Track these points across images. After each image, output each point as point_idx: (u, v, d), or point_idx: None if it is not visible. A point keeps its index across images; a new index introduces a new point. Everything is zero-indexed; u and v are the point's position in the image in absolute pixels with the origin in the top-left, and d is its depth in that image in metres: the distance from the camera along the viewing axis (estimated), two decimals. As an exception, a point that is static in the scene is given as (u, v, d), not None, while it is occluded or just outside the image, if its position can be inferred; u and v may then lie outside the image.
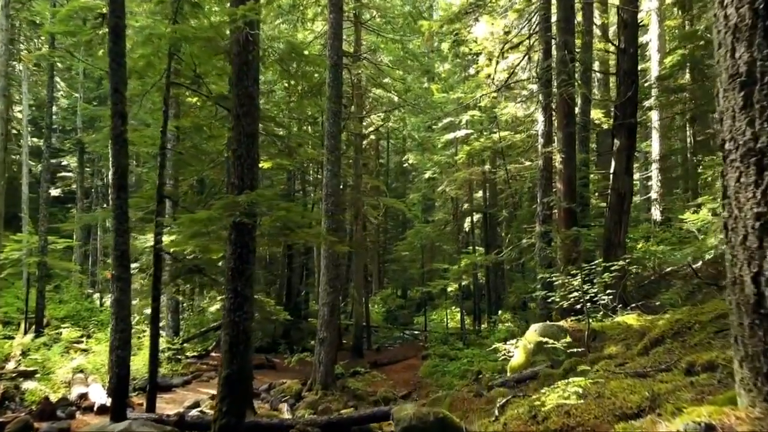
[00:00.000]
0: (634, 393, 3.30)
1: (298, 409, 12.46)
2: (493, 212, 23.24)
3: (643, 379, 3.78)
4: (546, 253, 12.39)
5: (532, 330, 8.56)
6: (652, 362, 4.50)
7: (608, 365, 5.01)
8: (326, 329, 13.78)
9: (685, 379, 3.38)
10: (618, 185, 11.88)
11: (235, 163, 6.79)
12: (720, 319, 4.96)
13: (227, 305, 6.69)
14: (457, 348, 19.39)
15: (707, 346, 4.56)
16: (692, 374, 3.47)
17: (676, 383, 3.33)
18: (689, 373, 3.48)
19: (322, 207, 14.16)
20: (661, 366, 4.20)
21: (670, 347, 5.02)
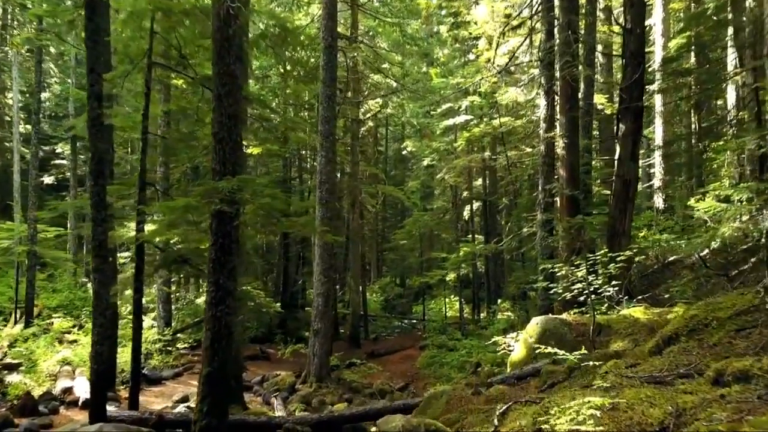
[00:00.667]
0: (654, 406, 2.89)
1: (291, 402, 12.10)
2: (493, 200, 22.78)
3: (661, 388, 3.36)
4: (547, 242, 11.96)
5: (533, 323, 8.15)
6: (668, 365, 4.07)
7: (618, 366, 4.58)
8: (321, 320, 13.40)
9: (714, 391, 2.96)
10: (623, 171, 11.40)
11: (216, 147, 6.32)
12: (741, 316, 4.54)
13: (208, 299, 6.26)
14: (455, 338, 19.02)
15: (729, 347, 4.13)
16: (721, 385, 3.05)
17: (702, 395, 2.91)
18: (717, 384, 3.06)
19: (316, 195, 13.71)
20: (680, 370, 3.78)
21: (685, 347, 4.59)
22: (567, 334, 7.64)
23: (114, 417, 7.57)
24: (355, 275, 20.73)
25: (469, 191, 25.86)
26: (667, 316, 7.22)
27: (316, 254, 13.57)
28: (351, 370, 14.98)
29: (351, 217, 20.76)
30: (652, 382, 3.49)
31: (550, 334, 7.75)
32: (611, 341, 7.10)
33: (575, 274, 8.01)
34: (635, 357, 5.56)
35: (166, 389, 12.53)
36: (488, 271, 24.60)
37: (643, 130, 15.14)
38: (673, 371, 3.84)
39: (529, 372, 7.15)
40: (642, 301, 8.66)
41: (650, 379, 3.71)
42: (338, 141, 21.92)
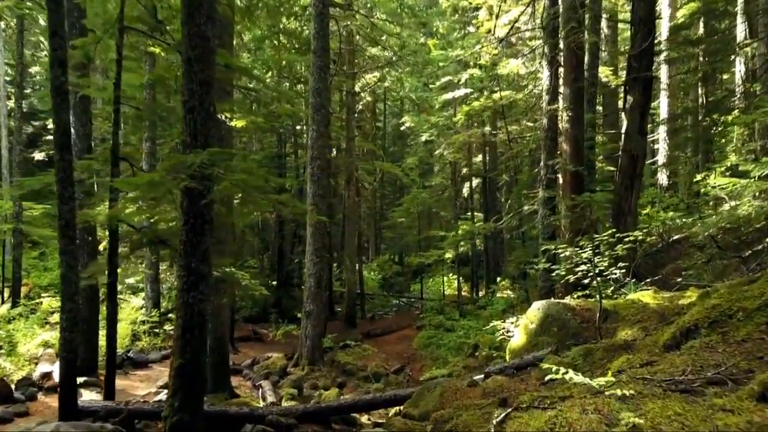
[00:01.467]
0: (685, 427, 2.36)
1: (282, 387, 11.67)
2: (493, 177, 22.15)
3: (690, 399, 2.82)
4: (549, 220, 11.39)
5: (534, 308, 7.63)
6: (691, 365, 3.53)
7: (631, 363, 4.05)
8: (313, 301, 12.91)
9: (762, 410, 2.43)
10: (630, 146, 10.79)
11: (186, 117, 5.71)
12: (772, 308, 3.98)
13: (180, 285, 5.72)
14: (453, 318, 18.59)
15: (761, 344, 3.59)
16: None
17: (746, 414, 2.38)
18: (764, 399, 2.53)
19: (308, 171, 13.12)
20: (707, 373, 3.24)
21: (708, 342, 4.05)
22: (570, 320, 7.12)
23: (86, 408, 7.10)
24: (351, 254, 20.22)
25: (468, 168, 25.19)
26: (679, 301, 6.69)
27: (308, 233, 13.02)
28: (345, 351, 14.56)
29: (347, 195, 20.16)
30: (678, 390, 2.96)
31: (552, 320, 7.24)
32: (618, 329, 6.58)
33: (579, 256, 7.45)
34: (648, 350, 5.03)
35: (152, 373, 12.09)
36: (487, 249, 24.09)
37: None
38: (699, 374, 3.30)
39: (529, 361, 6.64)
40: (650, 285, 8.11)
41: (673, 384, 3.17)
42: (333, 115, 21.24)
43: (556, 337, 7.07)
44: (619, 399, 2.98)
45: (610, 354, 5.48)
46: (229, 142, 10.62)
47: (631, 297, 7.48)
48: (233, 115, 9.18)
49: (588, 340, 6.81)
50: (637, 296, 7.40)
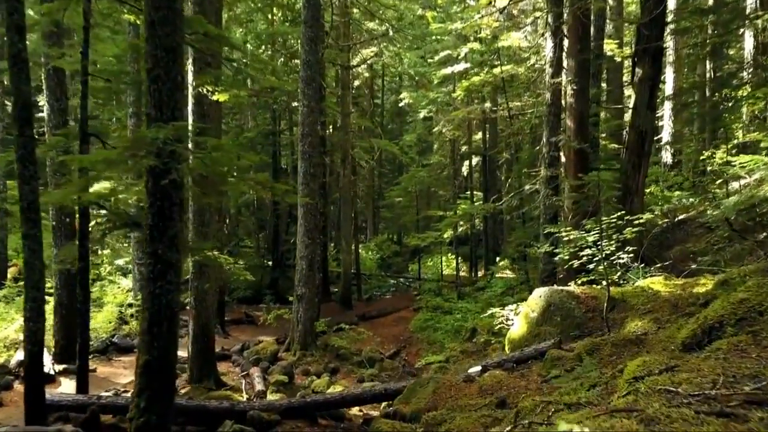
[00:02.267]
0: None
1: (272, 373, 11.22)
2: (493, 155, 21.51)
3: (729, 425, 2.30)
4: (551, 201, 10.83)
5: (535, 295, 7.12)
6: (722, 373, 3.00)
7: (648, 367, 3.52)
8: (305, 285, 12.42)
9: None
10: (638, 122, 10.18)
11: (150, 88, 5.12)
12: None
13: (146, 273, 5.19)
14: (450, 300, 18.15)
15: (804, 350, 3.06)
16: None
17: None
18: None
19: (299, 148, 12.51)
20: (745, 387, 2.72)
21: (737, 343, 3.53)
22: (575, 309, 6.61)
23: (55, 403, 6.64)
24: (347, 234, 19.69)
25: (468, 146, 24.55)
26: (693, 289, 6.17)
27: (299, 214, 12.46)
28: (339, 335, 14.10)
29: (342, 173, 19.56)
30: (713, 414, 2.43)
31: (555, 308, 6.73)
32: (627, 319, 6.07)
33: (584, 239, 6.92)
34: (663, 348, 4.51)
35: (137, 359, 11.63)
36: (486, 229, 23.58)
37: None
38: (735, 387, 2.78)
39: (530, 354, 6.15)
40: (661, 270, 7.59)
41: (705, 402, 2.65)
42: (328, 91, 20.54)
43: (559, 327, 6.57)
44: (642, 422, 2.45)
45: (620, 350, 4.97)
46: (213, 118, 10.01)
47: (640, 284, 6.96)
48: (215, 88, 8.54)
49: (594, 331, 6.31)
50: (646, 283, 6.88)
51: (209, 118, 9.43)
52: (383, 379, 11.83)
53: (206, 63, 9.06)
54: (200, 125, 8.16)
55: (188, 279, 9.65)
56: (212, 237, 9.68)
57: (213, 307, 9.79)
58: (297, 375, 11.60)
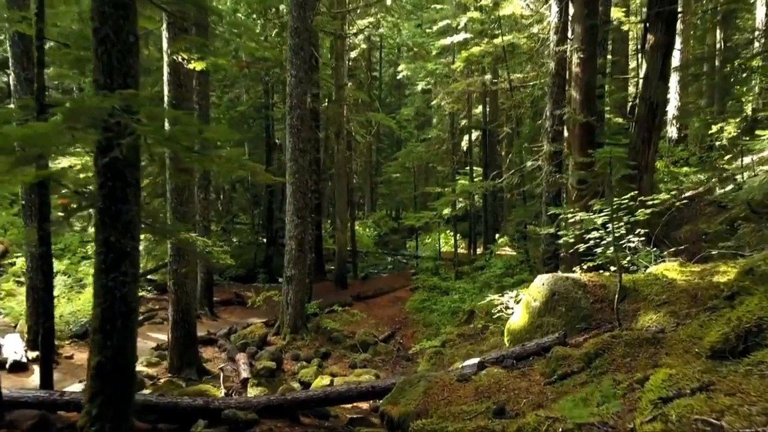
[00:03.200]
0: None
1: (260, 359, 10.70)
2: (494, 128, 20.75)
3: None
4: (554, 178, 10.17)
5: (538, 282, 6.52)
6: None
7: (676, 383, 2.93)
8: (295, 266, 11.84)
9: None
10: (649, 93, 9.49)
11: (97, 50, 4.44)
12: None
13: (97, 264, 4.58)
14: (448, 279, 17.62)
15: None
16: None
17: None
18: None
19: (287, 122, 11.80)
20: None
21: (784, 355, 2.93)
22: (581, 299, 6.01)
23: (15, 399, 6.08)
24: (341, 212, 19.07)
25: (468, 119, 23.75)
26: (713, 278, 5.56)
27: (288, 192, 11.82)
28: (332, 317, 13.59)
29: (336, 148, 18.84)
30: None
31: (559, 297, 6.13)
32: (640, 312, 5.48)
33: (593, 221, 6.29)
34: (686, 350, 3.93)
35: (118, 344, 11.11)
36: (486, 206, 22.94)
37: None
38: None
39: (532, 350, 5.57)
40: (674, 255, 6.97)
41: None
42: (321, 62, 19.69)
43: (563, 319, 5.98)
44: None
45: (635, 351, 4.39)
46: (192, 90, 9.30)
47: (653, 271, 6.35)
48: (190, 56, 7.82)
49: (602, 324, 5.73)
50: (659, 270, 6.27)
51: (186, 89, 8.72)
52: (376, 364, 11.35)
53: (182, 29, 8.31)
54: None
55: (168, 262, 9.07)
56: (193, 217, 9.04)
57: (194, 291, 9.20)
58: (286, 360, 11.11)
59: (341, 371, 10.69)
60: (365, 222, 31.85)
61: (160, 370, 9.13)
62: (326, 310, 13.89)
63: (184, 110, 8.70)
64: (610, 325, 5.56)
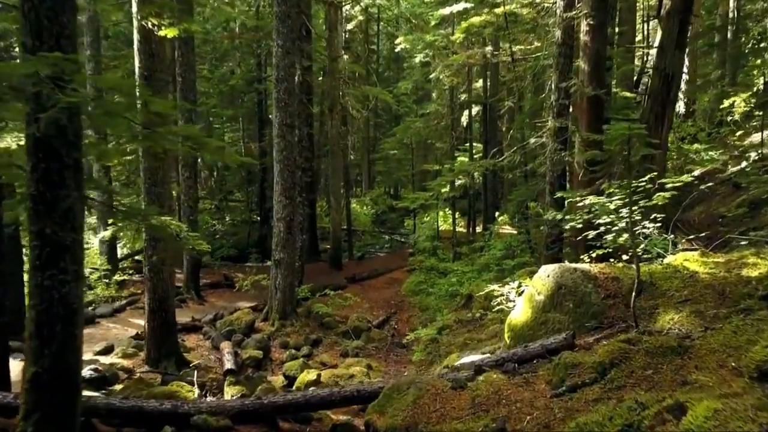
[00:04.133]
0: None
1: (246, 347, 10.16)
2: (494, 102, 19.92)
3: None
4: (560, 155, 9.46)
5: (542, 273, 5.88)
6: None
7: (726, 425, 2.31)
8: (283, 249, 11.21)
9: None
10: (664, 63, 8.73)
11: (23, 7, 3.73)
12: None
13: (31, 259, 3.93)
14: (446, 260, 17.03)
15: None
16: None
17: None
18: None
19: (273, 95, 11.05)
20: None
21: None
22: (591, 293, 5.38)
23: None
24: (336, 190, 18.38)
25: (467, 94, 22.89)
26: (741, 271, 4.92)
27: (275, 171, 11.12)
28: (324, 301, 13.02)
29: (330, 124, 18.06)
30: None
31: (566, 291, 5.50)
32: (659, 310, 4.85)
33: (605, 207, 5.64)
34: (721, 364, 3.30)
35: (97, 331, 10.56)
36: (485, 183, 22.24)
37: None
38: None
39: (536, 351, 4.95)
40: (693, 243, 6.32)
41: None
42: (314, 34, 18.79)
43: (571, 316, 5.36)
44: None
45: (658, 362, 3.76)
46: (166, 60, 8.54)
47: (672, 261, 5.71)
48: (161, 21, 7.06)
49: (615, 322, 5.10)
50: (678, 260, 5.63)
51: (159, 59, 7.97)
52: (369, 352, 10.80)
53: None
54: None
55: (144, 247, 8.43)
56: (169, 198, 8.37)
57: (172, 277, 8.58)
58: (274, 348, 10.57)
59: (332, 360, 10.15)
60: (362, 200, 31.15)
61: (137, 362, 8.56)
62: (318, 294, 13.31)
63: (156, 82, 7.99)
64: (625, 325, 4.94)
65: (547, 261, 9.83)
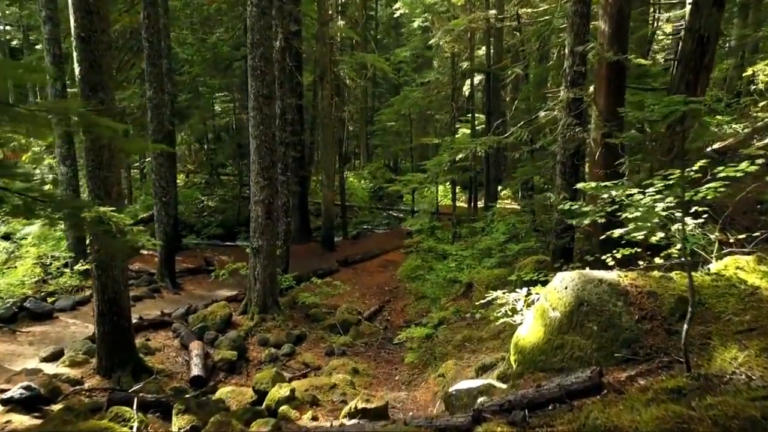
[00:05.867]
0: None
1: (220, 346, 9.12)
2: (498, 71, 18.49)
3: None
4: (574, 131, 8.20)
5: (558, 284, 4.72)
6: None
7: None
8: (262, 235, 10.08)
9: None
10: (699, 23, 7.42)
11: None
12: None
13: None
14: (445, 240, 15.89)
15: None
16: None
17: None
18: None
19: (248, 62, 9.75)
20: None
21: None
22: (622, 314, 4.22)
23: None
24: (328, 166, 17.15)
25: (470, 61, 21.40)
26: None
27: (251, 148, 9.90)
28: (311, 289, 11.93)
29: (320, 94, 16.72)
30: None
31: (589, 309, 4.35)
32: (714, 342, 3.70)
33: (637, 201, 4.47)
34: None
35: (53, 329, 9.49)
36: (488, 156, 20.91)
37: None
38: None
39: (553, 394, 3.82)
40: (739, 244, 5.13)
41: None
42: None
43: (595, 342, 4.23)
44: None
45: None
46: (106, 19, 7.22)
47: (721, 269, 4.54)
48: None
49: (654, 354, 3.96)
50: (730, 269, 4.46)
51: (100, 18, 6.69)
52: (358, 349, 9.77)
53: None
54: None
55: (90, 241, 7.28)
56: (116, 184, 7.18)
57: (124, 273, 7.44)
58: (252, 346, 9.54)
59: (315, 360, 9.12)
60: (360, 173, 29.90)
61: (87, 371, 7.50)
62: (305, 283, 12.20)
63: (97, 45, 6.74)
64: (667, 359, 3.80)
65: (557, 252, 8.69)
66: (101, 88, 6.87)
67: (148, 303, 11.30)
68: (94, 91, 6.83)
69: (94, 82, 6.82)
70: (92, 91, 6.82)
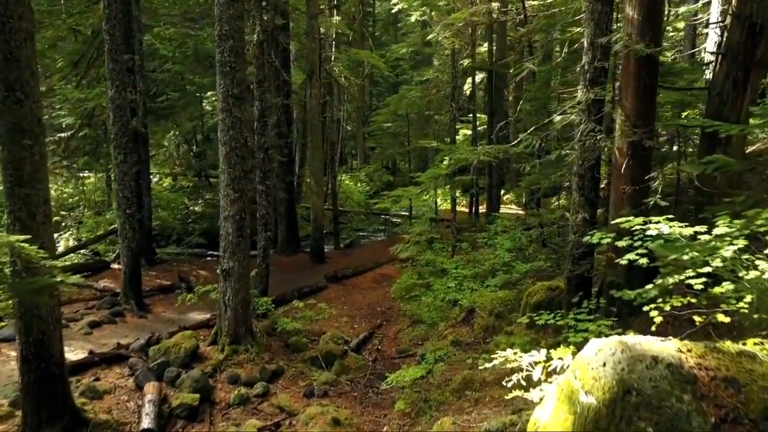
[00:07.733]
0: None
1: (181, 386, 7.86)
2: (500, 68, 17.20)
3: None
4: (595, 139, 6.91)
5: (592, 357, 3.43)
6: None
7: None
8: (232, 256, 8.81)
9: None
10: (751, 9, 6.15)
11: None
12: None
13: None
14: (444, 252, 14.59)
15: None
16: None
17: None
18: None
19: (216, 57, 8.47)
20: None
21: None
22: (691, 413, 2.93)
23: None
24: (317, 171, 15.87)
25: (471, 58, 20.10)
26: None
27: (220, 155, 8.63)
28: (292, 315, 10.67)
29: (309, 94, 15.45)
30: None
31: (640, 402, 3.06)
32: None
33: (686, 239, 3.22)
34: None
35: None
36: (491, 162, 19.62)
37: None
38: None
39: None
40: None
41: None
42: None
43: (649, 451, 2.93)
44: None
45: None
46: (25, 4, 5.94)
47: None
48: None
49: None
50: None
51: (17, 3, 5.43)
52: (342, 388, 8.49)
53: None
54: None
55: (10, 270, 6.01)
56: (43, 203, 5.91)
57: (55, 309, 6.18)
58: (220, 384, 8.28)
59: (292, 403, 7.87)
60: (357, 175, 28.66)
61: (9, 428, 6.23)
62: (285, 307, 10.94)
63: (14, 34, 5.49)
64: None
65: (573, 281, 7.39)
66: (20, 86, 5.61)
67: (107, 330, 10.03)
68: (10, 89, 5.57)
69: (11, 78, 5.57)
70: (9, 90, 5.57)
